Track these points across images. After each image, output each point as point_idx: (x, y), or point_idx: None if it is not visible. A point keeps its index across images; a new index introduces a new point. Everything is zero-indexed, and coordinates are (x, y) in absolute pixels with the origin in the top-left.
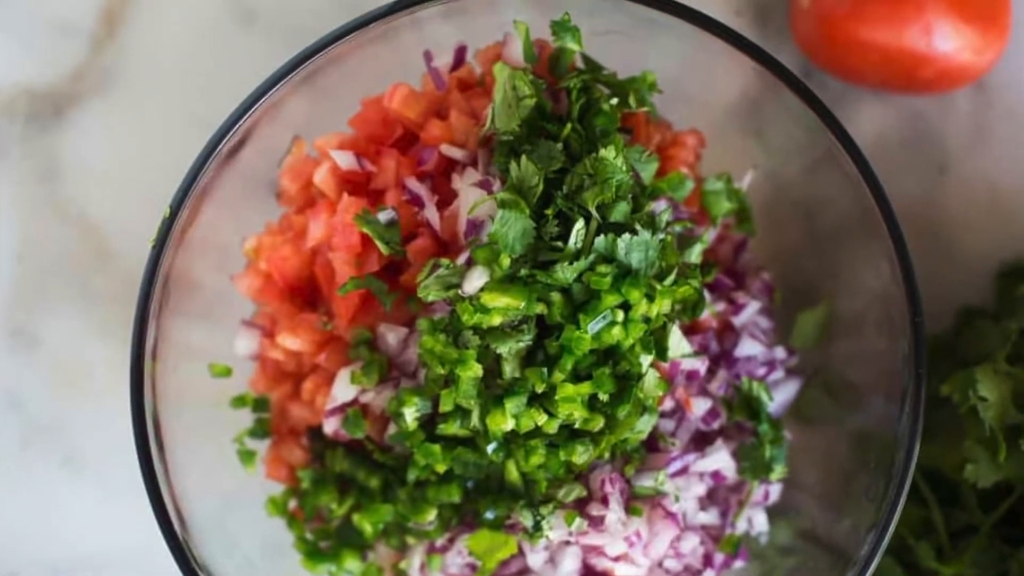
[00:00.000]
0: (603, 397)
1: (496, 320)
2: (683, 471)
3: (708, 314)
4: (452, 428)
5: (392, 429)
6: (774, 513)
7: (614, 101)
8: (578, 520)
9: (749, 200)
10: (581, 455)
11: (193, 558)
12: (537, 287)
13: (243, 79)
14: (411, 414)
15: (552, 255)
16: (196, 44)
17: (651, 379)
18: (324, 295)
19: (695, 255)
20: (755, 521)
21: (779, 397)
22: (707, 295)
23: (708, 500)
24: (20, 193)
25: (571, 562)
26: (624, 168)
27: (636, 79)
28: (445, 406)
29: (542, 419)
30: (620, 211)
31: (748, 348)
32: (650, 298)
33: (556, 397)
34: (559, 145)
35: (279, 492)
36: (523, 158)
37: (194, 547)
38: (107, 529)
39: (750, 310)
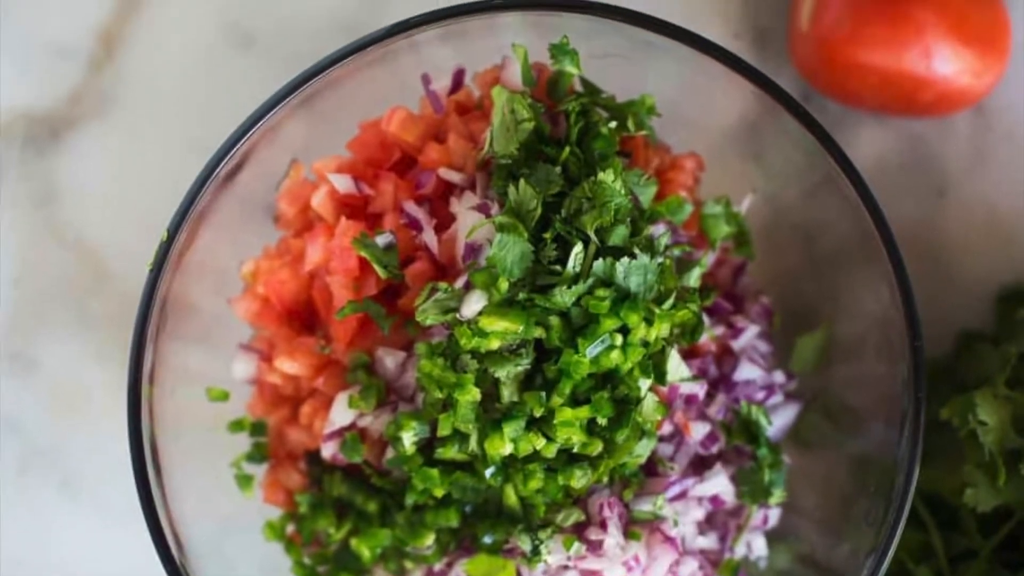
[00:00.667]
0: (601, 421)
1: (494, 344)
2: (682, 495)
3: (707, 338)
4: (450, 452)
5: (390, 453)
6: (773, 537)
7: (613, 124)
8: (576, 544)
9: (748, 224)
10: (579, 479)
11: None
12: (535, 311)
13: (241, 102)
14: (409, 438)
15: (550, 279)
16: (194, 67)
17: (650, 403)
18: (322, 319)
19: (694, 279)
20: (754, 545)
21: (778, 421)
22: (706, 319)
23: (707, 524)
24: (17, 217)
25: None
26: (623, 192)
27: (635, 102)
28: (443, 430)
29: (540, 443)
30: (619, 235)
31: (747, 372)
32: (649, 322)
33: (554, 421)
34: (557, 169)
35: (277, 516)
36: (521, 182)
37: (191, 571)
38: (105, 553)
39: (749, 334)
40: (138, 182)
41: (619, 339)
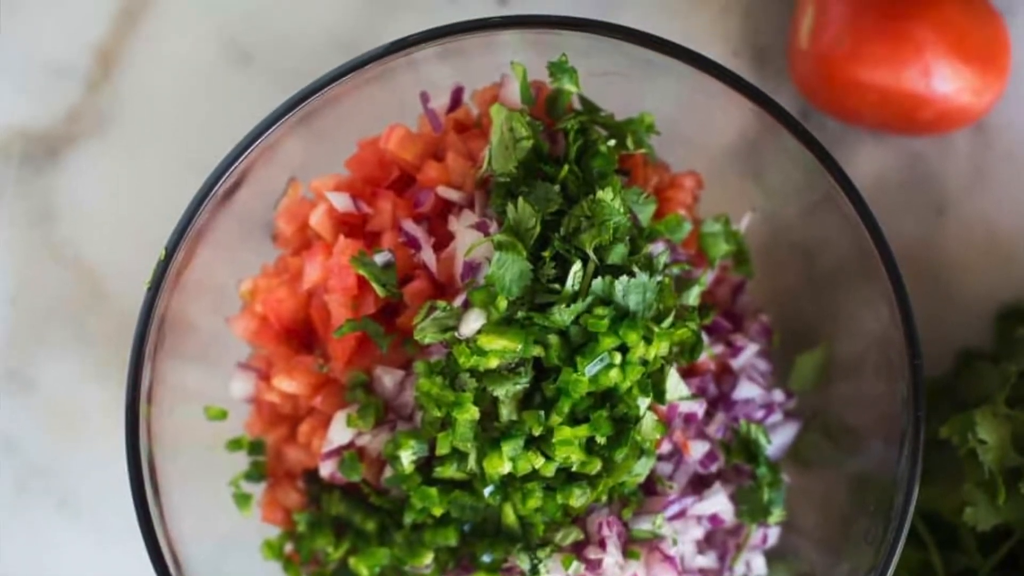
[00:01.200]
0: (600, 440)
1: (493, 363)
2: (681, 514)
3: (706, 356)
4: (449, 471)
5: (388, 472)
6: (772, 557)
7: (612, 143)
8: (575, 563)
9: (747, 242)
10: (578, 498)
11: None
12: (534, 329)
13: (239, 120)
14: (407, 457)
15: (549, 297)
16: (192, 85)
17: (649, 422)
18: (320, 337)
19: (693, 297)
20: (753, 565)
21: (777, 440)
22: (705, 337)
23: (706, 543)
24: (15, 235)
25: None
26: (622, 210)
27: (634, 120)
28: (442, 449)
29: (539, 462)
30: (618, 253)
31: (746, 391)
32: (648, 340)
33: (553, 440)
34: (556, 187)
35: (275, 535)
36: (520, 200)
37: None
38: (103, 573)
39: (748, 352)
40: (136, 200)
41: (618, 358)
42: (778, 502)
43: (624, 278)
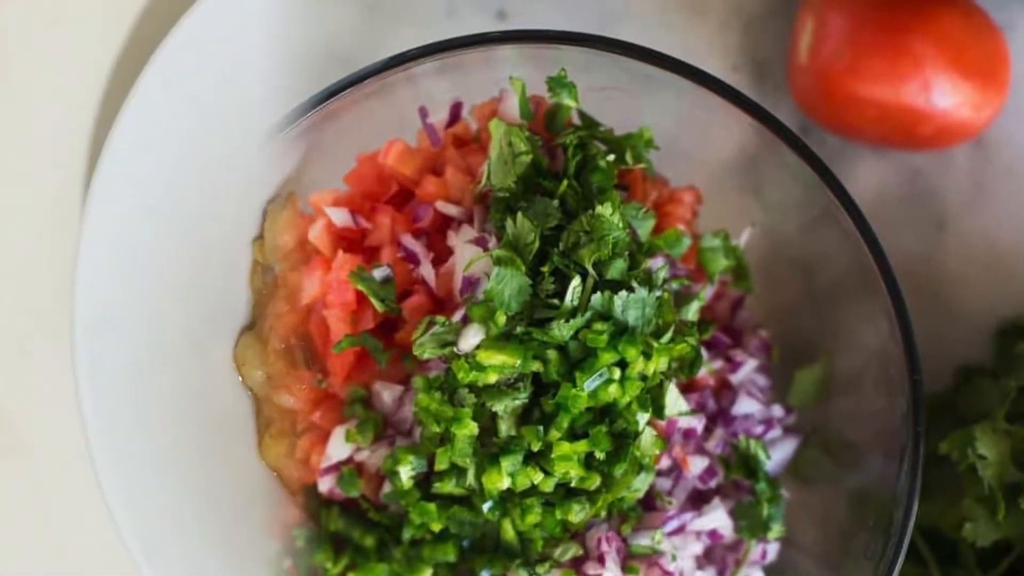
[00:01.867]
0: (599, 455)
1: (492, 378)
2: (680, 530)
3: (705, 372)
4: (448, 487)
5: (387, 488)
6: (772, 572)
7: (611, 158)
8: None
9: (747, 257)
10: (577, 514)
11: None
12: (533, 345)
13: None
14: (406, 472)
15: (548, 313)
16: None
17: (648, 437)
18: (319, 352)
19: (692, 312)
20: None
21: (777, 455)
22: (704, 353)
23: (705, 559)
24: None
25: None
26: (621, 225)
27: (633, 135)
28: (440, 464)
29: (538, 477)
30: (617, 268)
31: (745, 406)
32: (647, 356)
33: (552, 455)
34: (555, 202)
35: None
36: (519, 215)
37: None
38: None
39: (747, 368)
40: None
41: (617, 373)
42: (777, 518)
43: (623, 293)
